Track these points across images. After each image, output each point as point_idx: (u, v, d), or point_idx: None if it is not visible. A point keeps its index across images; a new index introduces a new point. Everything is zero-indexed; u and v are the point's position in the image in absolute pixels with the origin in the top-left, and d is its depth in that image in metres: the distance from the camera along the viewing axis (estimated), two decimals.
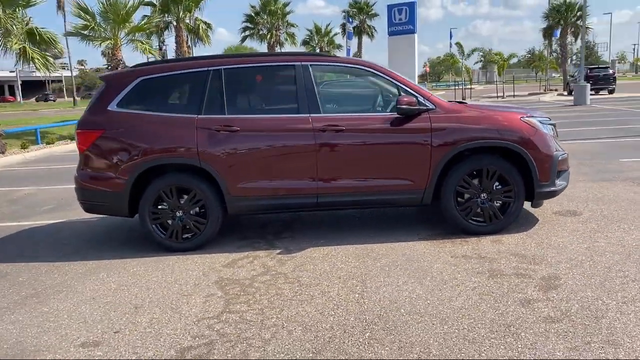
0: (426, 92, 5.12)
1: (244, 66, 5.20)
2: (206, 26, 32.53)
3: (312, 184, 4.96)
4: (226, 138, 4.93)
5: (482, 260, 4.37)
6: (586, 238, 4.76)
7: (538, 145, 4.94)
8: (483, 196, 5.01)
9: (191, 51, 31.21)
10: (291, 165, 4.99)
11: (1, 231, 6.26)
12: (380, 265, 4.39)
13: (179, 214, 5.04)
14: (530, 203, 5.16)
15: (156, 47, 29.24)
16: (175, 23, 29.19)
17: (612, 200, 6.04)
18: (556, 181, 5.07)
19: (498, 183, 5.01)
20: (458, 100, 5.50)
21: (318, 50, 47.35)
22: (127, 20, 20.36)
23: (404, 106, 4.80)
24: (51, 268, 4.80)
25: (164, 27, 31.38)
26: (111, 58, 20.98)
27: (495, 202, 5.05)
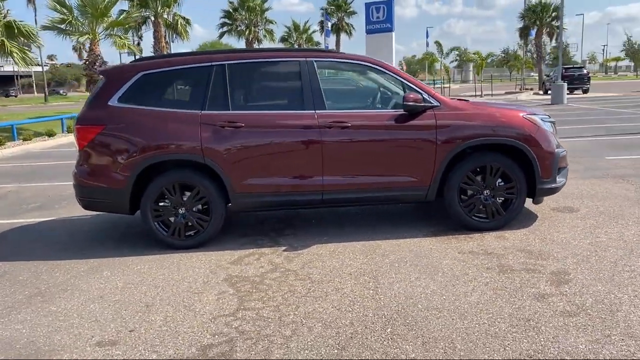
0: (431, 90, 5.15)
1: (248, 61, 5.15)
2: (185, 22, 32.17)
3: (318, 181, 4.94)
4: (231, 134, 4.87)
5: (490, 256, 4.41)
6: (587, 234, 4.85)
7: (540, 142, 5.01)
8: (486, 192, 5.06)
9: (169, 47, 30.79)
10: (297, 161, 4.95)
11: None
12: (389, 261, 4.40)
13: (182, 211, 4.96)
14: (531, 200, 5.23)
15: (134, 43, 28.73)
16: (153, 18, 28.81)
17: (606, 196, 6.17)
18: (557, 178, 5.15)
19: (501, 180, 5.08)
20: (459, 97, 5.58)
21: (296, 47, 47.25)
22: (106, 14, 20.03)
23: (411, 103, 4.81)
24: (51, 266, 4.68)
25: (142, 22, 30.95)
26: (89, 53, 20.57)
27: (497, 199, 5.11)
